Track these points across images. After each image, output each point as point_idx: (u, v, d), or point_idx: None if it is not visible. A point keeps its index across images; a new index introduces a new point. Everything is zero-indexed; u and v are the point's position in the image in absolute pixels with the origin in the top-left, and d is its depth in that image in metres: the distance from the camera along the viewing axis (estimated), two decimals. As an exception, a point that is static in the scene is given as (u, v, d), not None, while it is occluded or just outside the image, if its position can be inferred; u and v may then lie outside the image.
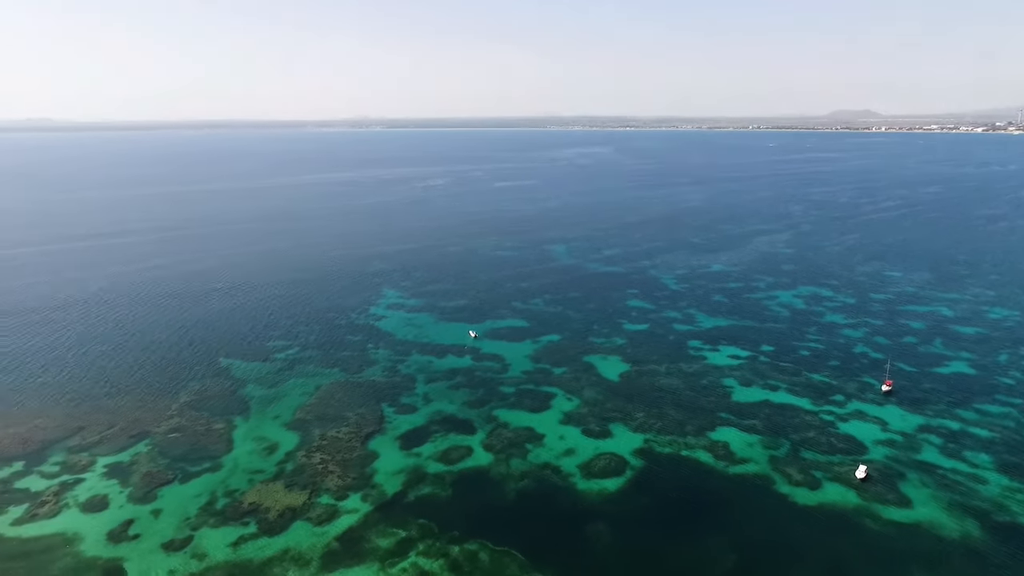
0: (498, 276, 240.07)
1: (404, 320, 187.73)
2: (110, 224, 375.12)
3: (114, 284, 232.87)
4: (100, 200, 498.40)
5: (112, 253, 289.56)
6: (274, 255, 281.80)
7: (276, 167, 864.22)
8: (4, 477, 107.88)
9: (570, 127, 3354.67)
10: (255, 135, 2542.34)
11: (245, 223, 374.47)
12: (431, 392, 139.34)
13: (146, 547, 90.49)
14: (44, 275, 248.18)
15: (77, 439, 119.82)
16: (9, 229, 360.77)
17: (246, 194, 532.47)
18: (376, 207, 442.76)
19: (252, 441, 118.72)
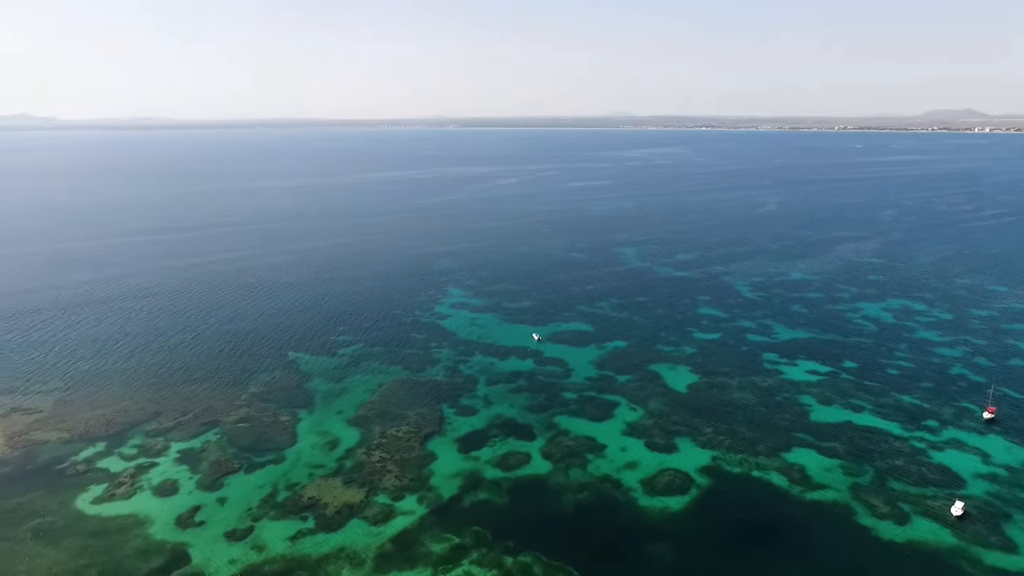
0: (564, 278, 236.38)
1: (468, 320, 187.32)
2: (204, 216, 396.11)
3: (200, 274, 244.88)
4: (197, 193, 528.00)
5: (202, 244, 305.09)
6: (346, 250, 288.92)
7: (355, 164, 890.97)
8: (88, 456, 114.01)
9: (645, 127, 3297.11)
10: (336, 133, 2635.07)
11: (320, 219, 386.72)
12: (492, 395, 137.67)
13: (210, 535, 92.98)
14: (141, 263, 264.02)
15: (155, 423, 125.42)
16: (110, 221, 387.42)
17: (324, 190, 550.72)
18: (447, 205, 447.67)
19: (315, 435, 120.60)
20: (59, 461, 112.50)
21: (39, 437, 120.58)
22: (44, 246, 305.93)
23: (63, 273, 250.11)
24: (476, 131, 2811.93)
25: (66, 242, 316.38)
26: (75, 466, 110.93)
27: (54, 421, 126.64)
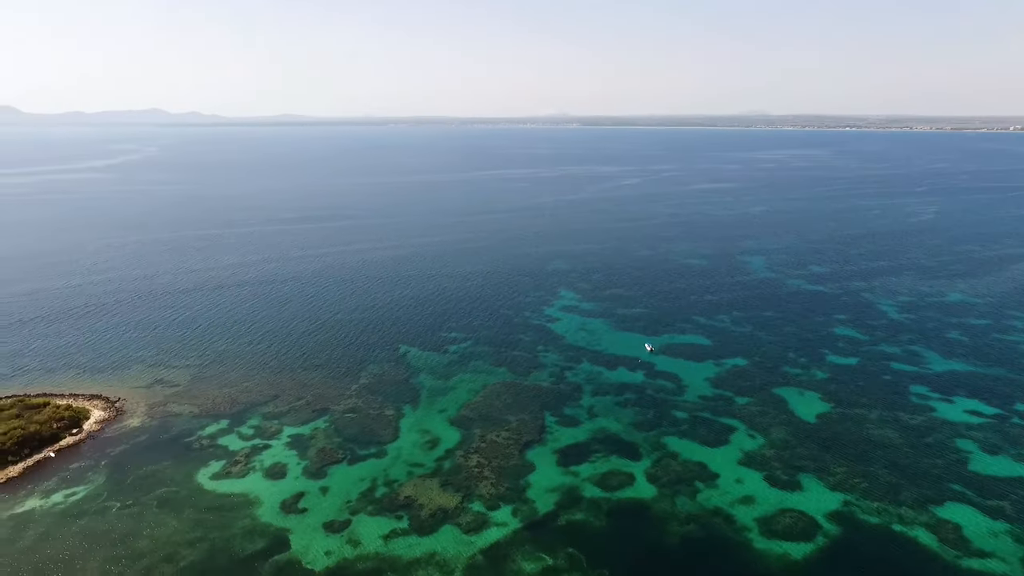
0: (683, 286, 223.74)
1: (577, 324, 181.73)
2: (336, 208, 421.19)
3: (328, 264, 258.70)
4: (331, 187, 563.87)
5: (332, 235, 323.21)
6: (463, 246, 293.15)
7: (478, 161, 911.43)
8: (212, 432, 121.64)
9: (779, 126, 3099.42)
10: (461, 131, 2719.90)
11: (441, 214, 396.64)
12: (597, 406, 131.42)
13: (310, 523, 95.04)
14: (278, 251, 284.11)
15: (272, 406, 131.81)
16: (256, 209, 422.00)
17: (448, 186, 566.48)
18: (564, 205, 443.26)
19: (417, 432, 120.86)
20: (188, 434, 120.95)
21: (174, 410, 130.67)
22: (198, 231, 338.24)
23: (214, 256, 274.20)
24: (599, 130, 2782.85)
25: (216, 228, 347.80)
26: (200, 440, 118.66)
27: (187, 396, 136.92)
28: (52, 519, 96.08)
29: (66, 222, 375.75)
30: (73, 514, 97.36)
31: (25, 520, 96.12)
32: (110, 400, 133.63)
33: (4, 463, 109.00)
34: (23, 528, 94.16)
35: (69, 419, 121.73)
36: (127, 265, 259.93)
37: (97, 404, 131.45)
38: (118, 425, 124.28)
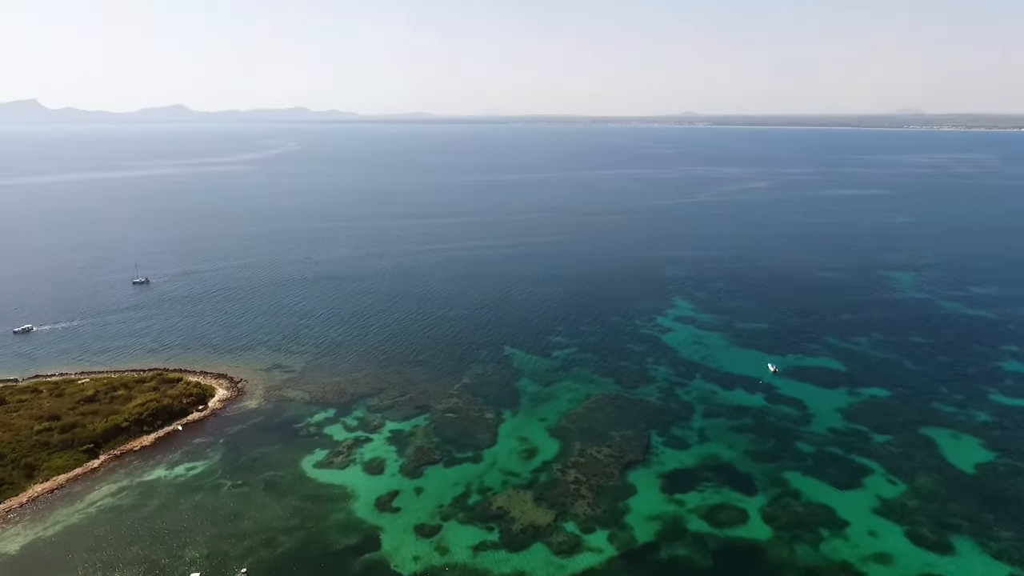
0: (814, 301, 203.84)
1: (692, 337, 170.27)
2: (452, 205, 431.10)
3: (442, 260, 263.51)
4: (449, 184, 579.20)
5: (446, 232, 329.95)
6: (575, 246, 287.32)
7: (598, 160, 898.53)
8: (319, 420, 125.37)
9: (936, 127, 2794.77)
10: (583, 129, 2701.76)
11: (555, 213, 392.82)
12: (709, 429, 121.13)
13: (402, 523, 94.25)
14: (396, 245, 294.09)
15: (376, 399, 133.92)
16: (378, 203, 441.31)
17: (564, 185, 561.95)
18: (686, 208, 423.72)
19: (515, 439, 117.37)
20: (297, 420, 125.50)
21: (288, 394, 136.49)
22: (326, 222, 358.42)
23: (337, 248, 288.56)
24: (728, 129, 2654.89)
25: (343, 220, 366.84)
26: (308, 427, 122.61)
27: (301, 382, 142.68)
28: (172, 490, 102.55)
29: (216, 210, 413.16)
30: (191, 488, 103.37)
31: (151, 488, 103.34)
32: (233, 380, 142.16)
33: (140, 432, 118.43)
34: (148, 496, 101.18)
35: (197, 396, 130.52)
36: (263, 252, 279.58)
37: (222, 383, 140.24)
38: (238, 405, 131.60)
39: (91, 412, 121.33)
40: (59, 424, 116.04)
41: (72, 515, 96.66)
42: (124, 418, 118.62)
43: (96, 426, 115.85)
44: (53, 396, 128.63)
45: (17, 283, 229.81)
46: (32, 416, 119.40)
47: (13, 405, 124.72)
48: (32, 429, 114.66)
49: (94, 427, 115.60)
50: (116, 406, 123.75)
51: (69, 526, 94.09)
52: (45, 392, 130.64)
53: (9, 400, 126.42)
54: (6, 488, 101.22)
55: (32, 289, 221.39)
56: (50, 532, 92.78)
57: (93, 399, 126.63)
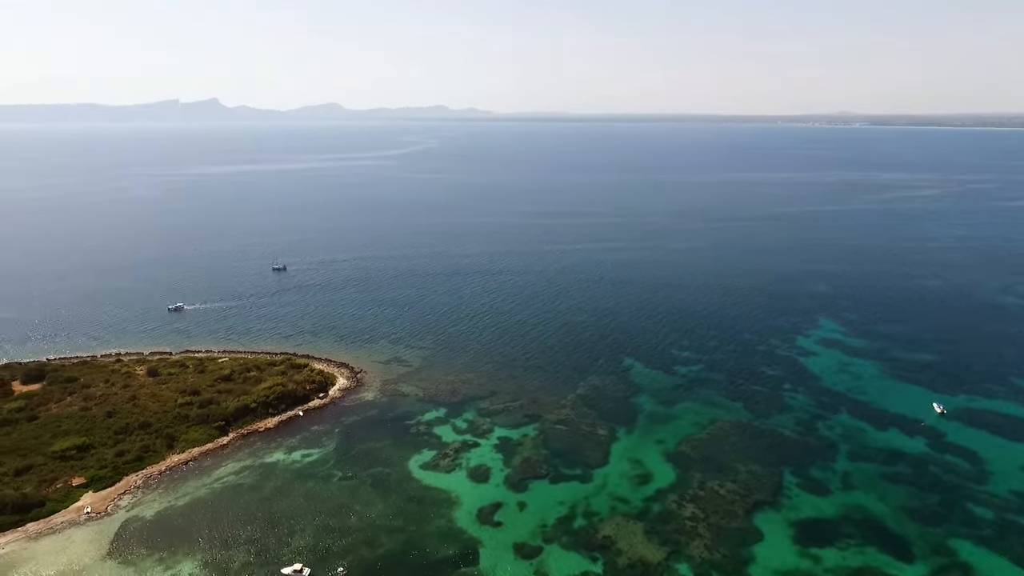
0: (994, 331, 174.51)
1: (838, 364, 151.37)
2: (580, 205, 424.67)
3: (566, 262, 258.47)
4: (581, 183, 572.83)
5: (570, 232, 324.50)
6: (706, 253, 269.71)
7: (741, 161, 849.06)
8: (430, 419, 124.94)
9: None
10: (727, 129, 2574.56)
11: (687, 216, 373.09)
12: (856, 475, 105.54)
13: (502, 540, 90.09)
14: (517, 243, 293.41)
15: (487, 402, 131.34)
16: (506, 201, 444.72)
17: (700, 187, 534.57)
18: (835, 216, 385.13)
19: (628, 461, 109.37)
20: (409, 416, 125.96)
21: (402, 389, 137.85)
22: (457, 217, 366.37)
23: (465, 244, 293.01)
24: (892, 129, 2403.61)
25: (473, 216, 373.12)
26: (418, 425, 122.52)
27: (416, 377, 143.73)
28: (288, 475, 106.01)
29: (356, 203, 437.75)
30: (305, 474, 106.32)
31: (269, 471, 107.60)
32: (354, 370, 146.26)
33: (266, 414, 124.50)
34: (266, 478, 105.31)
35: (319, 383, 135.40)
36: (397, 246, 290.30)
37: (343, 372, 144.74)
38: (355, 396, 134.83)
39: (226, 391, 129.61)
40: (198, 399, 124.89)
41: (200, 488, 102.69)
42: (253, 399, 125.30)
43: (228, 405, 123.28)
44: (196, 372, 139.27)
45: (174, 265, 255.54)
46: (177, 389, 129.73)
47: (164, 377, 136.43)
48: (176, 402, 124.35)
49: (227, 406, 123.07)
50: (248, 387, 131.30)
51: (197, 499, 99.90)
52: (191, 367, 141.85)
53: (161, 372, 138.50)
54: (150, 455, 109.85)
55: (186, 271, 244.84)
56: (180, 503, 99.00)
57: (229, 378, 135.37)
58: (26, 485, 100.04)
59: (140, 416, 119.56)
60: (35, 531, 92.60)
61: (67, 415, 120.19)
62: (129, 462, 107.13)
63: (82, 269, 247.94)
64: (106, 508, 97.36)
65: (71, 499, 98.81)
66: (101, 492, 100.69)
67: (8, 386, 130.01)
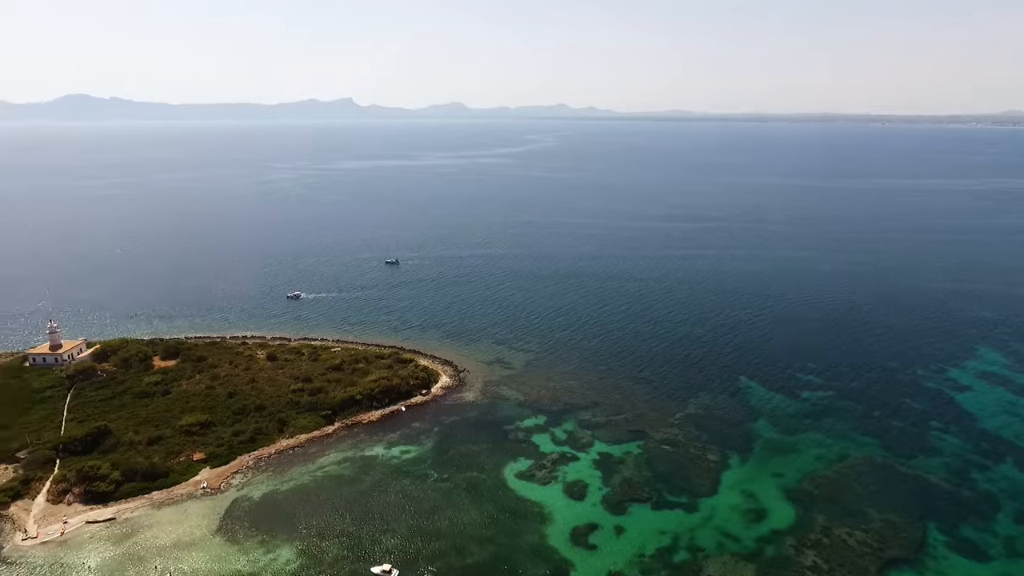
0: None
1: (1002, 403, 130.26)
2: (703, 208, 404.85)
3: (682, 268, 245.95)
4: (705, 185, 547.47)
5: (692, 237, 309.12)
6: (840, 267, 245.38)
7: (883, 166, 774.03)
8: (529, 426, 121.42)
9: None
10: (870, 130, 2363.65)
11: (822, 225, 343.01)
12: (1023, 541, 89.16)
13: (596, 566, 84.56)
14: (636, 248, 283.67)
15: (589, 413, 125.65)
16: (626, 202, 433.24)
17: (842, 194, 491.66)
18: (994, 230, 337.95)
19: (740, 494, 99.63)
20: (508, 421, 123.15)
21: (504, 392, 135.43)
22: (570, 217, 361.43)
23: (576, 245, 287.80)
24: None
25: (585, 217, 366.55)
26: (517, 432, 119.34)
27: (519, 381, 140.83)
28: (386, 471, 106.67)
29: (472, 200, 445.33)
30: (402, 472, 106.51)
31: (369, 464, 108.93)
32: (457, 369, 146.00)
33: (370, 407, 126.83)
34: (365, 472, 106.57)
35: (422, 380, 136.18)
36: (508, 244, 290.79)
37: (447, 370, 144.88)
38: (457, 395, 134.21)
39: (335, 380, 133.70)
40: (309, 387, 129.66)
41: (304, 475, 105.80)
42: (359, 391, 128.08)
43: (336, 395, 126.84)
44: (310, 360, 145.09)
45: (300, 254, 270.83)
46: (291, 375, 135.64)
47: (281, 363, 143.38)
48: (289, 388, 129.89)
49: (334, 395, 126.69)
50: (355, 378, 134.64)
51: (300, 485, 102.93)
52: (305, 355, 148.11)
53: (279, 358, 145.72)
54: (262, 437, 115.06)
55: (308, 261, 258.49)
56: (285, 487, 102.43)
57: (339, 368, 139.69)
58: (155, 455, 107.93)
59: (257, 399, 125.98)
60: (158, 499, 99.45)
61: (195, 392, 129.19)
62: (243, 442, 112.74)
63: (225, 254, 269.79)
64: (220, 485, 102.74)
65: (191, 472, 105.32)
66: (217, 469, 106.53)
67: (150, 361, 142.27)
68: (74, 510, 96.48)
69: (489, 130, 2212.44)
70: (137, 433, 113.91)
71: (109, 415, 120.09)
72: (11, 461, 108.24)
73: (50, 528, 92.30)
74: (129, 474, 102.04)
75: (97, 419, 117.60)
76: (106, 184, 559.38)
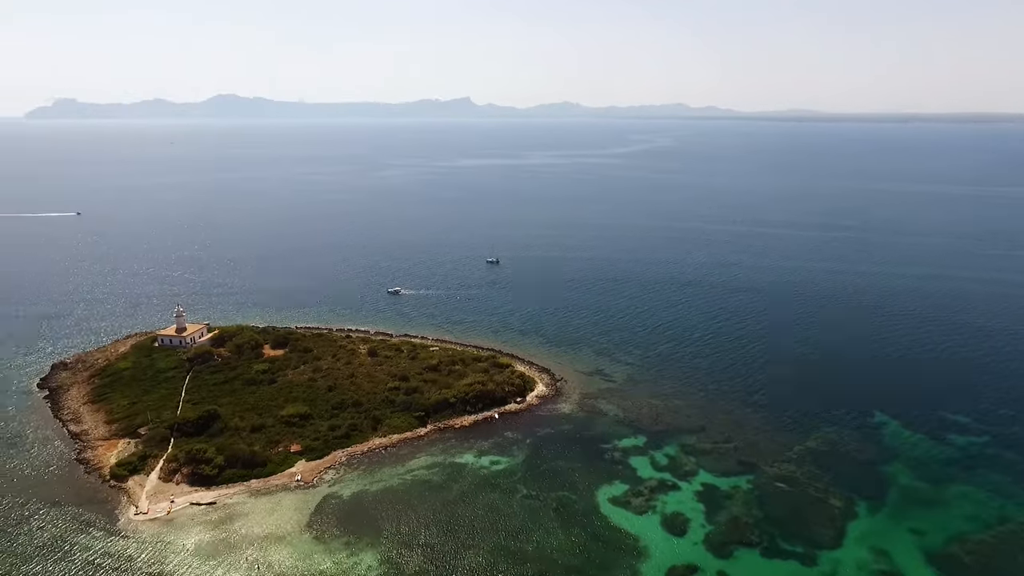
0: None
1: None
2: (833, 216, 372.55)
3: (805, 281, 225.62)
4: (836, 189, 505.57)
5: (818, 247, 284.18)
6: (990, 288, 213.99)
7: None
8: (627, 446, 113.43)
9: None
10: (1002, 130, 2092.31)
11: (965, 241, 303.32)
12: None
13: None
14: (757, 256, 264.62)
15: (694, 438, 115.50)
16: (747, 208, 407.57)
17: (992, 204, 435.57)
18: None
19: (869, 550, 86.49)
20: (605, 439, 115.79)
21: (602, 406, 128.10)
22: (677, 221, 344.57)
23: (686, 251, 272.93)
24: None
25: (695, 221, 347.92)
26: (614, 451, 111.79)
27: (618, 395, 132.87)
28: (475, 481, 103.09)
29: (575, 200, 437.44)
30: (490, 484, 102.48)
31: (458, 472, 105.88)
32: (554, 378, 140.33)
33: (463, 411, 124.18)
34: (454, 480, 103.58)
35: (518, 387, 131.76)
36: (614, 247, 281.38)
37: (543, 378, 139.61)
38: (552, 406, 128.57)
39: (431, 381, 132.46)
40: (405, 386, 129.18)
41: (393, 477, 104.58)
42: (453, 394, 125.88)
43: (431, 396, 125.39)
44: (408, 358, 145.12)
45: (405, 249, 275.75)
46: (389, 373, 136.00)
47: (380, 359, 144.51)
48: (386, 385, 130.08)
49: (429, 396, 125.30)
50: (451, 380, 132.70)
51: (388, 487, 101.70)
52: (404, 352, 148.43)
53: (379, 354, 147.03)
54: (356, 434, 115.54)
55: (408, 257, 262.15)
56: (374, 488, 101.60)
57: (436, 368, 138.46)
58: (256, 443, 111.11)
59: (355, 394, 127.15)
60: (255, 488, 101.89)
61: (298, 383, 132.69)
62: (338, 438, 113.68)
63: (337, 245, 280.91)
64: (313, 480, 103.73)
65: (287, 464, 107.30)
66: (311, 462, 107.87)
67: (261, 349, 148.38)
68: (181, 490, 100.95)
69: (598, 130, 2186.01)
70: (242, 419, 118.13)
71: (220, 399, 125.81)
72: (134, 436, 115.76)
73: (159, 506, 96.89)
74: (231, 460, 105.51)
75: (209, 403, 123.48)
76: (243, 176, 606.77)
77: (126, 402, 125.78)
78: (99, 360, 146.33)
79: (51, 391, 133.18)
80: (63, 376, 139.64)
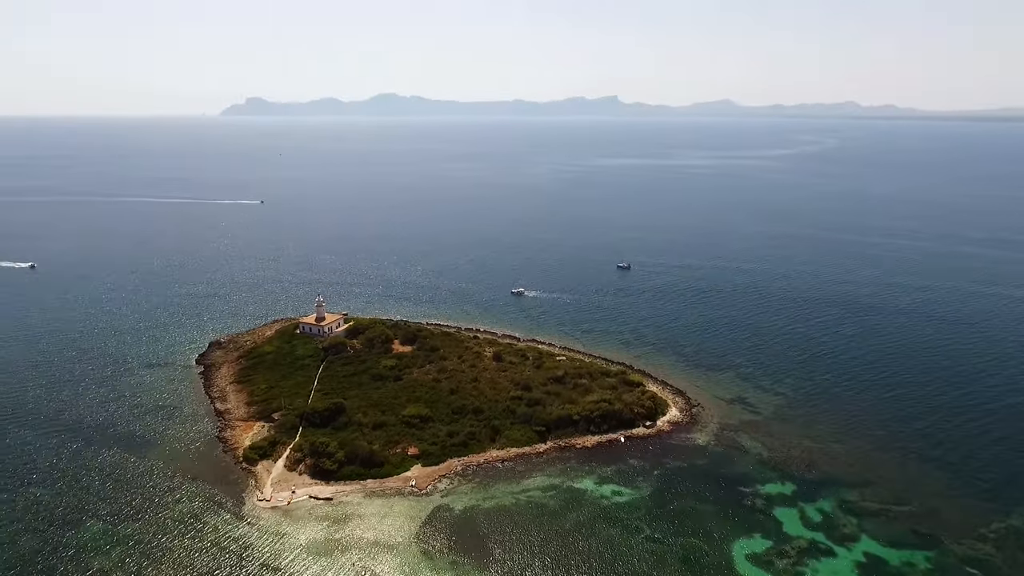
0: None
1: None
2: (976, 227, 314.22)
3: (1003, 310, 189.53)
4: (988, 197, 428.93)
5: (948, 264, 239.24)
6: None
7: None
8: (772, 493, 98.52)
9: None
10: None
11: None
12: None
13: None
14: (934, 276, 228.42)
15: (857, 494, 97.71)
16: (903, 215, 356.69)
17: None
18: None
19: None
20: (745, 481, 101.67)
21: (743, 442, 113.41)
22: (843, 235, 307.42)
23: (851, 265, 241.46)
24: None
25: (857, 234, 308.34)
26: (755, 498, 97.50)
27: (763, 431, 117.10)
28: (593, 512, 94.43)
29: (723, 205, 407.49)
30: (610, 517, 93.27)
31: (576, 498, 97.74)
32: (690, 402, 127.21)
33: (586, 431, 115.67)
34: (571, 507, 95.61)
35: (648, 409, 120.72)
36: (767, 258, 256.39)
37: (677, 402, 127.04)
38: (686, 435, 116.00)
39: (554, 393, 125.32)
40: (527, 396, 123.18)
41: (507, 495, 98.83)
42: (577, 411, 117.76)
43: (553, 411, 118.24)
44: (533, 366, 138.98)
45: (536, 248, 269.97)
46: (512, 381, 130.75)
47: (505, 364, 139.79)
48: (508, 394, 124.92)
49: (551, 411, 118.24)
50: (575, 395, 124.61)
51: (501, 506, 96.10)
52: (530, 360, 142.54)
53: (504, 359, 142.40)
54: (473, 443, 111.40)
55: (534, 256, 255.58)
56: (486, 504, 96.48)
57: (560, 380, 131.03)
58: (376, 441, 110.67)
59: (476, 400, 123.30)
60: (371, 488, 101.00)
61: (422, 382, 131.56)
62: (456, 445, 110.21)
63: (470, 241, 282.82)
64: (426, 487, 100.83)
65: (404, 467, 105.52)
66: (427, 468, 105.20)
67: (390, 344, 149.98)
68: (302, 481, 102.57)
69: (757, 129, 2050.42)
70: (365, 415, 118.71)
71: (348, 391, 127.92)
72: (268, 420, 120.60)
73: (281, 495, 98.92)
74: (351, 456, 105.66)
75: (337, 395, 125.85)
76: (394, 171, 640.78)
77: (265, 386, 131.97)
78: (247, 342, 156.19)
79: (206, 368, 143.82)
80: (217, 355, 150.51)
